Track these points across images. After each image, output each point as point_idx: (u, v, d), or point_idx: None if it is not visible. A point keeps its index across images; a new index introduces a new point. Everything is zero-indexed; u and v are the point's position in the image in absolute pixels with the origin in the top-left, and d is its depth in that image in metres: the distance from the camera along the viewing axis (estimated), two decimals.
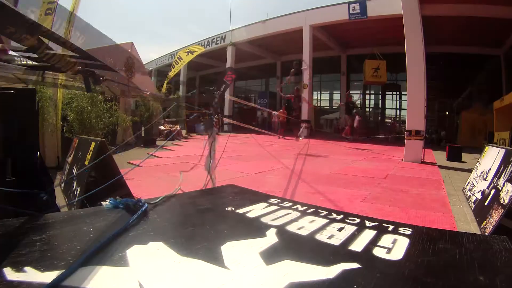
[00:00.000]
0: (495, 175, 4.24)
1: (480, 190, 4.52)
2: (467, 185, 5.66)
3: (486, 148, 5.70)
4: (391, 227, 1.92)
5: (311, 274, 1.30)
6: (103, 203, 2.05)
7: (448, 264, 1.44)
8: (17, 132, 2.55)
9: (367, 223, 1.99)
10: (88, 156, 3.89)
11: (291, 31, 22.70)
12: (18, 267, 1.21)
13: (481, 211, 4.01)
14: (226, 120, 18.80)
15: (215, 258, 1.42)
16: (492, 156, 4.84)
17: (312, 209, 2.29)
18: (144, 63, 16.83)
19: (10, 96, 2.55)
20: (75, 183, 4.05)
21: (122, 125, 11.88)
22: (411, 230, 1.88)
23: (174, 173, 6.66)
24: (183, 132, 20.11)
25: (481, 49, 20.23)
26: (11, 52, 2.23)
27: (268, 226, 1.88)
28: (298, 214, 2.17)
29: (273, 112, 20.34)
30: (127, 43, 13.93)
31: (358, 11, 18.88)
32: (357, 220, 2.04)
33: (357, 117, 20.07)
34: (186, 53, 22.21)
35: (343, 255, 1.51)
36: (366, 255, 1.52)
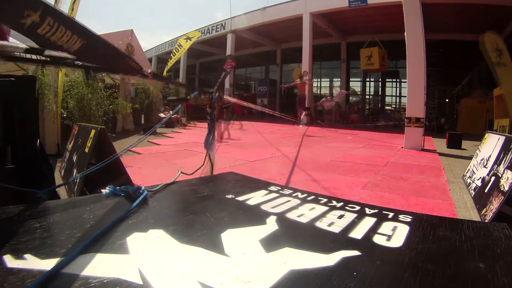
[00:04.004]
0: (495, 162, 4.24)
1: (480, 177, 4.53)
2: (467, 172, 5.67)
3: (486, 135, 5.69)
4: (391, 215, 1.92)
5: (311, 261, 1.30)
6: (103, 190, 2.05)
7: (448, 251, 1.44)
8: (17, 119, 2.54)
9: (367, 210, 1.99)
10: (88, 144, 3.88)
11: (291, 19, 22.53)
12: (18, 254, 1.21)
13: (481, 198, 4.02)
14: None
15: (215, 245, 1.42)
16: (492, 143, 4.83)
17: (312, 197, 2.29)
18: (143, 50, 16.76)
19: (10, 84, 2.53)
20: (75, 171, 4.05)
21: (122, 112, 11.86)
22: (411, 217, 1.88)
23: (174, 160, 6.67)
24: (183, 120, 20.09)
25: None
26: (11, 40, 2.21)
27: (268, 214, 1.88)
28: (298, 201, 2.17)
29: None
30: (127, 31, 13.86)
31: None
32: (357, 208, 2.04)
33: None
34: (186, 40, 22.11)
35: (343, 243, 1.51)
36: (366, 243, 1.52)
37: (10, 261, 1.16)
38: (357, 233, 1.63)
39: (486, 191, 3.94)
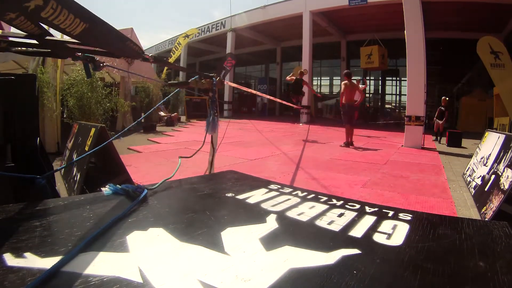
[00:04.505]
0: (495, 161, 4.24)
1: (480, 176, 4.53)
2: (467, 171, 5.67)
3: (486, 133, 5.69)
4: (391, 213, 1.91)
5: (311, 260, 1.30)
6: (103, 189, 2.05)
7: (448, 249, 1.44)
8: (17, 118, 2.54)
9: (367, 209, 1.99)
10: (88, 142, 3.88)
11: (291, 17, 22.56)
12: (18, 253, 1.21)
13: (481, 196, 4.03)
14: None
15: (215, 244, 1.42)
16: (492, 142, 4.84)
17: (312, 195, 2.29)
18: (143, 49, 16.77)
19: (10, 82, 2.53)
20: (75, 169, 4.05)
21: (120, 110, 11.87)
22: (411, 215, 1.87)
23: (173, 159, 6.67)
24: (183, 118, 20.11)
25: (481, 34, 20.10)
26: (11, 38, 2.21)
27: (268, 212, 1.88)
28: (298, 200, 2.16)
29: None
30: (127, 29, 13.86)
31: None
32: (357, 206, 2.04)
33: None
34: (184, 38, 22.20)
35: (343, 241, 1.51)
36: (366, 241, 1.52)
37: (10, 260, 1.16)
38: (357, 231, 1.63)
39: (486, 189, 3.94)
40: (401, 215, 1.87)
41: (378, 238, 1.55)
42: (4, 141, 2.43)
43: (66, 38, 1.81)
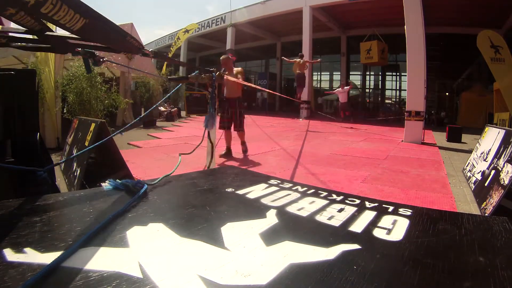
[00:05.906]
0: (495, 156, 4.24)
1: (480, 171, 4.53)
2: (467, 166, 5.67)
3: (486, 128, 5.69)
4: (391, 208, 1.92)
5: (311, 255, 1.30)
6: (103, 184, 2.05)
7: (448, 244, 1.44)
8: (17, 113, 2.54)
9: (367, 204, 1.99)
10: (88, 137, 3.87)
11: (291, 12, 22.47)
12: (18, 248, 1.21)
13: (481, 192, 4.02)
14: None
15: (215, 239, 1.42)
16: (492, 137, 4.83)
17: (312, 190, 2.29)
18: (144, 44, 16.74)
19: (10, 77, 2.53)
20: (75, 164, 4.05)
21: (120, 107, 11.85)
22: (411, 211, 1.88)
23: (174, 154, 6.66)
24: (183, 113, 20.09)
25: (481, 29, 20.04)
26: (10, 34, 2.20)
27: (268, 207, 1.88)
28: (298, 195, 2.16)
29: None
30: (127, 24, 13.82)
31: None
32: (357, 201, 2.04)
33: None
34: (184, 33, 22.24)
35: (343, 236, 1.51)
36: (366, 236, 1.52)
37: (10, 255, 1.16)
38: (357, 226, 1.63)
39: (486, 184, 3.94)
40: (401, 210, 1.87)
41: (378, 233, 1.55)
42: (4, 136, 2.42)
43: (66, 33, 1.81)
